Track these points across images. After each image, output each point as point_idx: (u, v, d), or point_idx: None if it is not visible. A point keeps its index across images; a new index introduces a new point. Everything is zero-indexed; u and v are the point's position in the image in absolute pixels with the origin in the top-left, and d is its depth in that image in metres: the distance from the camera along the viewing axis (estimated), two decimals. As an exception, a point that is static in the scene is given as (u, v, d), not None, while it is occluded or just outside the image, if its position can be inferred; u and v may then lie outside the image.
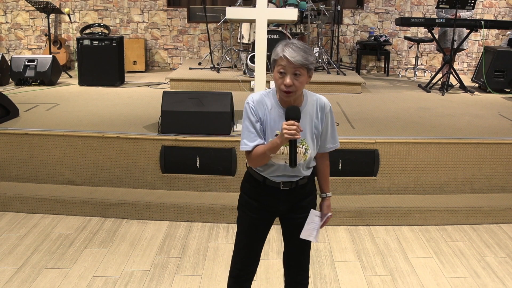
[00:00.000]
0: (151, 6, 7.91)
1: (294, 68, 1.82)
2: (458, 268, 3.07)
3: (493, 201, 3.83)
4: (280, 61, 1.85)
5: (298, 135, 1.78)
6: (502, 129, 4.42)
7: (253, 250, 2.17)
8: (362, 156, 3.91)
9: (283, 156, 1.94)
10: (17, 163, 4.07)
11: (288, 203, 2.07)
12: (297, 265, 2.18)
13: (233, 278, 2.21)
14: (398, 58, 8.04)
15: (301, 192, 2.06)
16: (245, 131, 1.96)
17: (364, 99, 5.78)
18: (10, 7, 7.97)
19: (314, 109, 1.98)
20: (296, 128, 1.77)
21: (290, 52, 1.82)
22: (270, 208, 2.08)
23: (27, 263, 3.05)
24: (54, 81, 6.44)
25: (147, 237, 3.44)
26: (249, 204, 2.10)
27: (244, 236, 2.15)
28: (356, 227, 3.65)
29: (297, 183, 2.03)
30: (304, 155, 1.96)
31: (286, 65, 1.83)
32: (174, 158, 3.94)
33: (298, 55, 1.81)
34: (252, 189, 2.08)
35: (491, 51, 6.41)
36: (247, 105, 1.95)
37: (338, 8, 7.20)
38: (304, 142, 1.95)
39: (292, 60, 1.81)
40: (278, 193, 2.03)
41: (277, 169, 1.99)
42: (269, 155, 1.91)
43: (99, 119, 4.55)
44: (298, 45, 1.84)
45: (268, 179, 2.01)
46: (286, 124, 1.79)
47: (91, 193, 3.88)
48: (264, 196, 2.06)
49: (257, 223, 2.11)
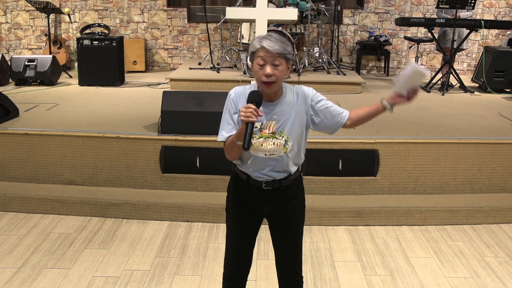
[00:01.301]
0: (151, 6, 7.91)
1: (273, 58, 1.83)
2: (458, 268, 3.07)
3: (493, 201, 3.83)
4: (258, 53, 1.86)
5: (253, 118, 1.78)
6: (502, 129, 4.41)
7: (243, 251, 2.15)
8: (362, 156, 3.91)
9: (261, 148, 1.93)
10: (17, 163, 4.07)
11: (272, 204, 2.04)
12: (288, 268, 2.16)
13: (227, 281, 2.20)
14: (398, 58, 8.04)
15: (285, 193, 2.03)
16: (224, 122, 1.98)
17: (364, 99, 5.78)
18: (10, 7, 7.97)
19: (295, 100, 1.96)
20: (251, 111, 1.79)
21: (268, 43, 1.84)
22: (255, 209, 2.06)
23: (27, 263, 3.05)
24: (54, 81, 6.44)
25: (147, 237, 3.44)
26: (234, 204, 2.10)
27: (232, 237, 2.14)
28: (356, 227, 3.65)
29: (281, 183, 2.00)
30: (284, 147, 1.94)
31: (264, 56, 1.84)
32: (174, 158, 3.94)
33: (276, 45, 1.83)
34: (237, 188, 2.08)
35: (491, 51, 6.41)
36: (228, 96, 1.99)
37: (338, 8, 7.20)
38: (284, 134, 1.93)
39: (271, 49, 1.82)
40: (261, 193, 2.02)
41: (257, 163, 1.97)
42: (236, 142, 1.89)
43: (99, 119, 4.55)
44: (275, 37, 1.87)
45: (251, 178, 2.01)
46: (243, 107, 1.81)
47: (91, 193, 3.88)
48: (247, 196, 2.05)
49: (244, 223, 2.10)
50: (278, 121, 1.94)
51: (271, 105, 1.95)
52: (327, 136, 4.04)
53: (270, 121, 1.94)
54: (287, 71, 1.90)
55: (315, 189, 3.89)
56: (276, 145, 1.92)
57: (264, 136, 1.92)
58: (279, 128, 1.93)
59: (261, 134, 1.93)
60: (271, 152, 1.94)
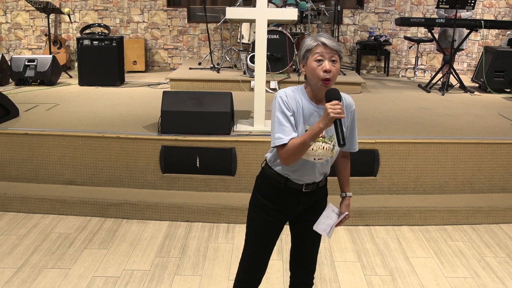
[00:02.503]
0: (151, 6, 7.91)
1: (331, 54, 1.81)
2: (458, 268, 3.07)
3: (493, 201, 3.83)
4: (315, 49, 1.82)
5: (343, 115, 1.73)
6: (502, 129, 4.42)
7: (266, 254, 2.10)
8: (362, 156, 3.91)
9: (312, 152, 1.88)
10: (17, 163, 4.07)
11: (306, 204, 2.04)
12: (306, 267, 2.15)
13: (241, 283, 2.13)
14: (398, 58, 8.04)
15: (319, 193, 2.06)
16: (278, 126, 1.85)
17: (364, 99, 5.78)
18: (10, 7, 7.97)
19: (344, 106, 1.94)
20: (340, 107, 1.72)
21: (325, 38, 1.82)
22: (288, 211, 2.03)
23: (27, 263, 3.05)
24: (54, 81, 6.44)
25: (147, 237, 3.44)
26: (264, 205, 2.02)
27: (257, 239, 2.07)
28: (356, 227, 3.65)
29: (318, 184, 2.01)
30: (332, 151, 1.92)
31: (323, 52, 1.81)
32: (174, 158, 3.94)
33: (333, 42, 1.82)
34: (271, 191, 2.00)
35: (491, 51, 6.41)
36: (279, 99, 1.87)
37: (338, 8, 7.20)
38: (333, 139, 1.89)
39: (329, 45, 1.80)
40: (299, 195, 1.99)
41: (305, 167, 1.92)
42: (309, 143, 1.81)
43: (99, 119, 4.55)
44: (324, 34, 1.88)
45: (290, 181, 1.96)
46: (330, 104, 1.73)
47: (91, 193, 3.88)
48: (283, 199, 1.99)
49: (271, 225, 2.05)
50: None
51: (321, 108, 1.88)
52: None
53: None
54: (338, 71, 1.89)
55: (315, 189, 3.88)
56: (325, 150, 1.89)
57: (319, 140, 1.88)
58: (329, 132, 1.89)
59: None
60: (319, 157, 1.90)
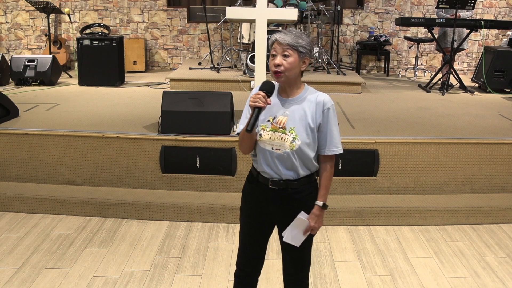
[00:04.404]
0: (151, 6, 7.91)
1: (283, 49, 1.90)
2: (458, 268, 3.07)
3: (493, 201, 3.83)
4: (272, 46, 1.95)
5: (260, 104, 1.86)
6: (502, 129, 4.41)
7: (253, 249, 2.16)
8: (362, 156, 3.91)
9: (269, 141, 1.97)
10: (17, 163, 4.07)
11: (278, 206, 2.03)
12: (293, 276, 2.16)
13: (236, 277, 2.22)
14: (398, 58, 8.04)
15: (294, 198, 2.01)
16: (242, 117, 2.05)
17: (364, 99, 5.78)
18: (10, 7, 7.97)
19: (311, 102, 1.97)
20: (260, 97, 1.86)
21: (280, 35, 1.93)
22: (262, 209, 2.07)
23: (27, 263, 3.05)
24: (54, 81, 6.44)
25: (147, 237, 3.44)
26: (245, 201, 2.14)
27: (242, 235, 2.17)
28: (356, 227, 3.65)
29: (288, 184, 1.99)
30: (291, 144, 1.95)
31: (276, 47, 1.92)
32: (174, 158, 3.94)
33: (287, 37, 1.91)
34: (248, 185, 2.12)
35: (491, 51, 6.41)
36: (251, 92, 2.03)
37: (338, 8, 7.20)
38: (293, 131, 1.95)
39: (281, 40, 1.90)
40: (267, 192, 2.02)
41: (265, 156, 1.99)
42: (245, 130, 1.93)
43: (99, 119, 4.55)
44: (291, 30, 1.94)
45: (261, 175, 2.03)
46: (255, 93, 1.89)
47: (91, 193, 3.88)
48: (256, 194, 2.07)
49: (253, 222, 2.12)
50: (290, 117, 1.96)
51: (287, 101, 1.99)
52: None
53: (282, 116, 1.97)
54: (300, 64, 1.94)
55: (315, 189, 3.88)
56: (284, 140, 1.95)
57: (274, 129, 1.96)
58: (289, 124, 1.95)
59: (272, 128, 1.97)
60: (277, 147, 1.96)
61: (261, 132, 1.99)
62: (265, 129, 1.98)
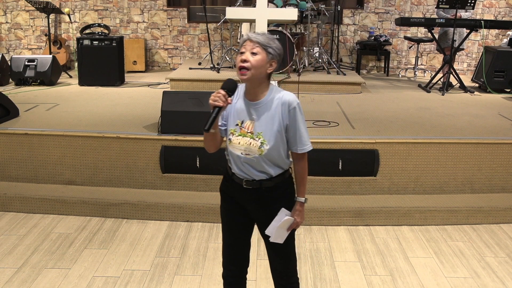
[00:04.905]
0: (151, 6, 7.91)
1: (252, 46, 1.88)
2: (458, 268, 3.07)
3: (493, 201, 3.83)
4: (242, 44, 1.92)
5: (219, 103, 1.84)
6: (502, 129, 4.41)
7: (235, 247, 2.15)
8: (362, 156, 3.91)
9: (238, 146, 1.96)
10: (17, 163, 4.07)
11: (254, 205, 2.05)
12: (280, 271, 2.16)
13: (223, 279, 2.22)
14: (398, 58, 8.04)
15: (269, 196, 2.01)
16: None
17: (364, 99, 5.78)
18: (10, 7, 7.97)
19: (277, 104, 1.94)
20: (220, 96, 1.84)
21: (253, 34, 1.92)
22: (240, 206, 2.08)
23: (27, 263, 3.05)
24: (54, 81, 6.44)
25: (147, 237, 3.44)
26: (223, 199, 2.14)
27: (223, 234, 2.17)
28: (356, 227, 3.65)
29: (261, 183, 1.99)
30: (260, 149, 1.94)
31: (246, 45, 1.90)
32: (174, 158, 3.94)
33: (260, 36, 1.90)
34: (225, 184, 2.11)
35: (491, 51, 6.41)
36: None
37: (338, 8, 7.20)
38: (261, 136, 1.94)
39: (252, 38, 1.89)
40: (243, 192, 2.03)
41: (235, 160, 2.00)
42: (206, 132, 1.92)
43: (99, 119, 4.55)
44: (264, 33, 1.94)
45: (235, 175, 2.03)
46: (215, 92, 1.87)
47: (91, 193, 3.88)
48: (233, 194, 2.08)
49: (232, 220, 2.12)
50: (256, 122, 1.94)
51: (252, 105, 1.96)
52: (327, 136, 4.04)
53: (250, 120, 1.96)
54: (266, 66, 1.90)
55: (315, 189, 3.89)
56: (252, 146, 1.94)
57: (242, 134, 1.96)
58: (257, 129, 1.94)
59: (241, 132, 1.96)
60: (246, 152, 1.96)
61: (230, 136, 1.99)
62: (234, 133, 1.97)
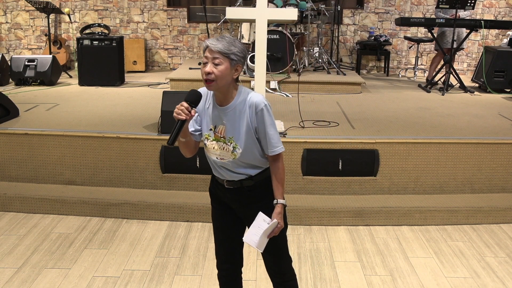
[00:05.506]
0: (151, 6, 7.91)
1: (214, 56, 1.82)
2: (458, 268, 3.07)
3: (493, 201, 3.83)
4: (204, 53, 1.87)
5: (182, 116, 1.81)
6: (502, 129, 4.42)
7: (226, 245, 2.16)
8: (362, 156, 3.91)
9: (213, 151, 2.00)
10: (17, 163, 4.07)
11: (237, 204, 2.08)
12: (274, 270, 2.17)
13: (218, 279, 2.24)
14: (398, 58, 8.04)
15: (249, 195, 2.03)
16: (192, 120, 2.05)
17: (364, 99, 5.78)
18: (10, 7, 7.97)
19: (245, 107, 1.92)
20: (182, 109, 1.81)
21: (211, 41, 1.85)
22: (226, 205, 2.12)
23: (27, 263, 3.05)
24: (54, 81, 6.44)
25: (147, 237, 3.44)
26: (212, 200, 2.19)
27: (214, 232, 2.20)
28: (356, 227, 3.65)
29: (242, 183, 2.01)
30: (233, 153, 1.95)
31: (208, 55, 1.84)
32: (174, 158, 3.94)
33: (219, 44, 1.83)
34: (212, 183, 2.17)
35: (491, 51, 6.41)
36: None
37: (338, 8, 7.20)
38: (232, 140, 1.94)
39: (212, 47, 1.82)
40: (226, 191, 2.06)
41: (213, 164, 2.06)
42: (181, 139, 1.95)
43: (99, 119, 4.55)
44: (224, 36, 1.86)
45: (217, 176, 2.08)
46: (178, 105, 1.84)
47: (91, 193, 3.88)
48: (218, 193, 2.12)
49: (220, 218, 2.16)
50: (227, 126, 1.94)
51: (221, 109, 1.94)
52: (327, 136, 4.04)
53: (221, 125, 1.96)
54: (232, 72, 1.86)
55: (315, 189, 3.89)
56: (225, 150, 1.96)
57: (216, 139, 1.97)
58: (228, 133, 1.95)
59: (215, 137, 1.98)
60: (221, 156, 1.98)
61: (205, 141, 2.01)
62: (209, 138, 1.99)
